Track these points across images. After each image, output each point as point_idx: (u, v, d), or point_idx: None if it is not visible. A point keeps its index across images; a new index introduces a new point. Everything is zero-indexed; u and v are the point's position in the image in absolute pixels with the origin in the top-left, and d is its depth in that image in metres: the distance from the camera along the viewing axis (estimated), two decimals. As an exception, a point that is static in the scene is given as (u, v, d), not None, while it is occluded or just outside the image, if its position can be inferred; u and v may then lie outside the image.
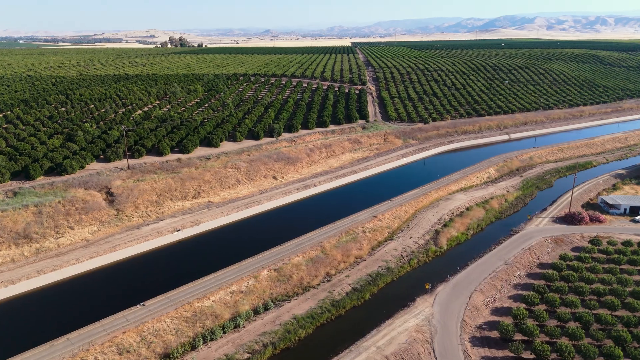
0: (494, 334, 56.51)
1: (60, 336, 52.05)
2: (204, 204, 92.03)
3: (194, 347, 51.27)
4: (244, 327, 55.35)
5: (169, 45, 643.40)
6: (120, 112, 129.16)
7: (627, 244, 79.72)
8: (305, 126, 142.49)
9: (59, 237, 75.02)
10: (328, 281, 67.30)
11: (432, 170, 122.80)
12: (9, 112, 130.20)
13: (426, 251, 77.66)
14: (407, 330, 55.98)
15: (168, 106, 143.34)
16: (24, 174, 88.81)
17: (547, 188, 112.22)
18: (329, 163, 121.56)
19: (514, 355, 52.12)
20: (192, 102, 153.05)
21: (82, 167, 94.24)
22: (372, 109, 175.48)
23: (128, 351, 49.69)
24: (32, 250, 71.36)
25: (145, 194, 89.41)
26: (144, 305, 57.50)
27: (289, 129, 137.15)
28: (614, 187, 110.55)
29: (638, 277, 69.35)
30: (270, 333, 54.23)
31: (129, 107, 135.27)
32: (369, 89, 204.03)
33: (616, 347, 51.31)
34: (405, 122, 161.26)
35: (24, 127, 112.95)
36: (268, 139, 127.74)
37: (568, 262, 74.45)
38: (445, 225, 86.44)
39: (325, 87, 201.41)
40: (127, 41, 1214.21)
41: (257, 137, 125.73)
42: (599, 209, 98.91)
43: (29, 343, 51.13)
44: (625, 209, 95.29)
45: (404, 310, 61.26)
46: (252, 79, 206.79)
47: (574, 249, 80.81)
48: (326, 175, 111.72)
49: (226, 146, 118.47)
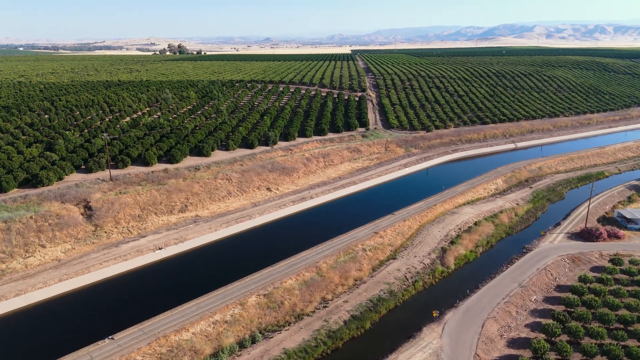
0: (513, 373, 49.52)
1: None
2: (191, 218, 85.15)
3: (166, 391, 44.31)
4: (226, 364, 48.35)
5: (167, 53, 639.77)
6: (106, 120, 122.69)
7: (652, 264, 72.83)
8: (303, 134, 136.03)
9: (28, 257, 68.07)
10: (324, 307, 60.28)
11: (436, 181, 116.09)
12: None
13: (432, 272, 70.70)
14: (414, 369, 48.97)
15: (158, 113, 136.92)
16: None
17: (558, 200, 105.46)
18: (326, 173, 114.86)
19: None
20: (185, 109, 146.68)
21: (60, 179, 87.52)
22: (372, 116, 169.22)
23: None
24: (-4, 271, 64.38)
25: (127, 208, 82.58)
26: (112, 339, 50.42)
27: (285, 137, 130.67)
28: (629, 200, 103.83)
29: (670, 304, 62.36)
30: (257, 373, 47.23)
31: (117, 114, 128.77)
32: (369, 95, 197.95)
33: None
34: (407, 130, 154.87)
35: (1, 135, 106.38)
36: (263, 148, 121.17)
37: (589, 285, 67.51)
38: (452, 243, 79.55)
39: (324, 94, 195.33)
40: (127, 49, 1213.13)
41: (251, 146, 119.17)
42: (615, 223, 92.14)
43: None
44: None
45: (409, 342, 54.26)
46: (248, 85, 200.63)
47: (594, 269, 73.90)
48: (324, 187, 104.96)
49: (218, 155, 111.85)
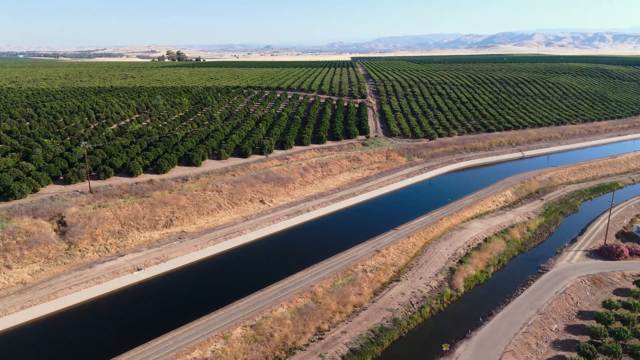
0: None
1: None
2: (175, 234, 78.16)
3: None
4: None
5: (166, 60, 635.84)
6: (91, 127, 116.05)
7: (684, 287, 65.77)
8: (300, 142, 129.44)
9: (-10, 280, 61.02)
10: (319, 339, 53.14)
11: (441, 192, 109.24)
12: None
13: (440, 295, 63.61)
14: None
15: (148, 120, 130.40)
16: (-36, 199, 75.30)
17: (572, 213, 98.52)
18: (324, 184, 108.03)
19: None
20: (176, 116, 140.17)
21: (35, 191, 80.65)
22: (372, 123, 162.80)
23: None
24: (-49, 297, 57.35)
25: (106, 223, 75.62)
26: (71, 382, 43.37)
27: (281, 145, 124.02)
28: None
29: None
30: None
31: (103, 121, 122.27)
32: (370, 102, 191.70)
33: None
34: (409, 137, 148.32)
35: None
36: (257, 157, 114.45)
37: (614, 311, 60.44)
38: (461, 262, 72.53)
39: (322, 101, 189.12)
40: (127, 56, 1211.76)
41: (244, 155, 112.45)
42: (635, 239, 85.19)
43: None
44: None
45: (417, 383, 47.22)
46: (244, 91, 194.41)
47: (617, 292, 66.83)
48: (321, 199, 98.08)
49: (209, 165, 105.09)
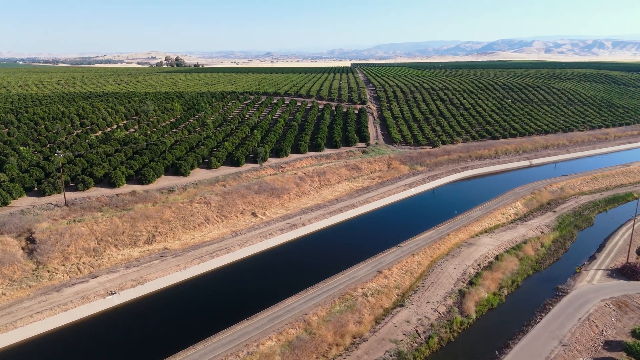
0: None
1: None
2: (157, 251, 71.25)
3: None
4: None
5: (164, 65, 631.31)
6: (74, 134, 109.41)
7: None
8: (296, 150, 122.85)
9: (-58, 306, 54.05)
10: (313, 379, 46.21)
11: (446, 203, 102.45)
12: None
13: (449, 323, 56.60)
14: None
15: (136, 126, 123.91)
16: None
17: (587, 227, 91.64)
18: (322, 195, 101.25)
19: None
20: (166, 122, 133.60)
21: (5, 204, 73.85)
22: (373, 130, 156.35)
23: None
24: None
25: (81, 240, 68.75)
26: None
27: (277, 153, 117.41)
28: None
29: None
30: None
31: (88, 127, 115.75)
32: (370, 108, 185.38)
33: None
34: (411, 145, 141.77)
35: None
36: (251, 165, 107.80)
37: (646, 342, 53.54)
38: (471, 283, 65.60)
39: (321, 107, 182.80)
40: (128, 62, 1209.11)
41: (237, 164, 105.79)
42: (659, 256, 78.35)
43: None
44: (699, 259, 74.57)
45: None
46: (240, 97, 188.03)
47: (646, 318, 59.89)
48: (318, 211, 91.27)
49: (198, 174, 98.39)
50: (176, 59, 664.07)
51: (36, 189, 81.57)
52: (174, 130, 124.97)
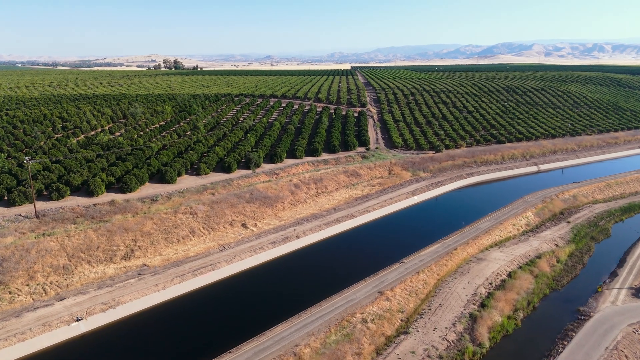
0: None
1: None
2: (135, 268, 64.44)
3: None
4: None
5: (163, 68, 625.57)
6: (54, 138, 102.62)
7: None
8: (292, 155, 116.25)
9: None
10: None
11: (451, 212, 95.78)
12: None
13: (460, 353, 49.75)
14: None
15: (122, 130, 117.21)
16: None
17: (604, 239, 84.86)
18: (318, 203, 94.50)
19: None
20: (155, 126, 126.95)
21: (-32, 215, 67.07)
22: (373, 134, 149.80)
23: None
24: None
25: (49, 256, 61.96)
26: None
27: (271, 158, 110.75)
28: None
29: None
30: None
31: (70, 131, 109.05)
32: (370, 111, 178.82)
33: None
34: (413, 149, 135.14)
35: None
36: (243, 172, 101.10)
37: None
38: (483, 305, 58.76)
39: (319, 109, 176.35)
40: (127, 65, 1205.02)
41: (228, 170, 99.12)
42: (686, 272, 71.55)
43: None
44: None
45: None
46: (235, 99, 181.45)
47: (680, 346, 53.07)
48: (314, 221, 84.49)
49: (185, 182, 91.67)
50: (174, 61, 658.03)
51: (6, 198, 74.78)
52: (163, 134, 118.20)
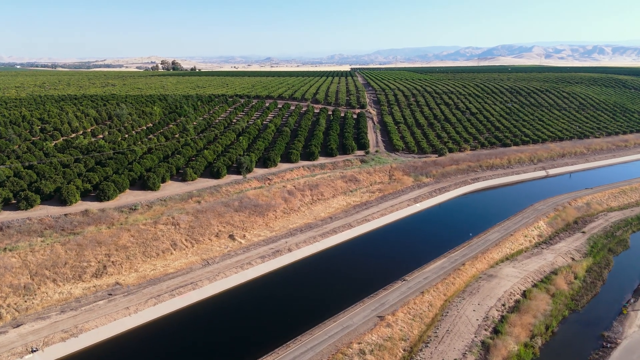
0: None
1: None
2: (106, 287, 57.65)
3: None
4: None
5: (161, 69, 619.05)
6: (30, 141, 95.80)
7: None
8: (287, 159, 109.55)
9: None
10: None
11: (457, 221, 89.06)
12: None
13: (473, 391, 43.07)
14: None
15: (105, 133, 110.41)
16: None
17: (623, 251, 78.11)
18: (314, 212, 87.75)
19: None
20: (142, 128, 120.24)
21: None
22: (372, 136, 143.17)
23: None
24: None
25: (9, 274, 55.18)
26: None
27: (265, 162, 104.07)
28: None
29: None
30: None
31: (49, 133, 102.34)
32: (369, 112, 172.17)
33: None
34: (415, 153, 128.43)
35: None
36: (233, 177, 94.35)
37: None
38: (496, 331, 51.99)
39: (316, 111, 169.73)
40: (127, 67, 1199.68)
41: (216, 175, 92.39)
42: None
43: None
44: None
45: None
46: (229, 100, 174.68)
47: None
48: (308, 232, 77.74)
49: (169, 188, 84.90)
50: (172, 62, 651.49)
51: (-32, 208, 68.02)
52: (150, 136, 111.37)
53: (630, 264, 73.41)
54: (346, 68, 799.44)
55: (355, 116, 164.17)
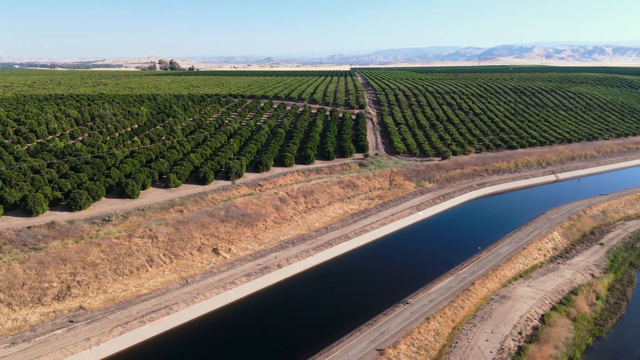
0: None
1: None
2: (68, 312, 50.64)
3: None
4: None
5: (158, 69, 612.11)
6: (0, 144, 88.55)
7: None
8: (281, 163, 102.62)
9: None
10: None
11: (463, 232, 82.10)
12: None
13: None
14: None
15: (85, 135, 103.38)
16: None
17: (645, 264, 71.30)
18: (308, 221, 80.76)
19: None
20: (127, 129, 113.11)
21: None
22: (372, 138, 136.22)
23: None
24: None
25: (-46, 299, 48.16)
26: None
27: (256, 166, 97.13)
28: None
29: None
30: None
31: (24, 135, 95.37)
32: (369, 113, 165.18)
33: None
34: (417, 156, 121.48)
35: None
36: (221, 183, 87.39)
37: None
38: (513, 366, 45.11)
39: (314, 111, 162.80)
40: (126, 67, 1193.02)
41: (203, 181, 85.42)
42: None
43: None
44: None
45: None
46: (222, 100, 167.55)
47: None
48: (301, 245, 70.78)
49: (150, 196, 77.89)
50: (170, 62, 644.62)
51: None
52: (134, 139, 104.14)
53: (654, 279, 66.42)
54: (346, 68, 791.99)
55: (354, 117, 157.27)
